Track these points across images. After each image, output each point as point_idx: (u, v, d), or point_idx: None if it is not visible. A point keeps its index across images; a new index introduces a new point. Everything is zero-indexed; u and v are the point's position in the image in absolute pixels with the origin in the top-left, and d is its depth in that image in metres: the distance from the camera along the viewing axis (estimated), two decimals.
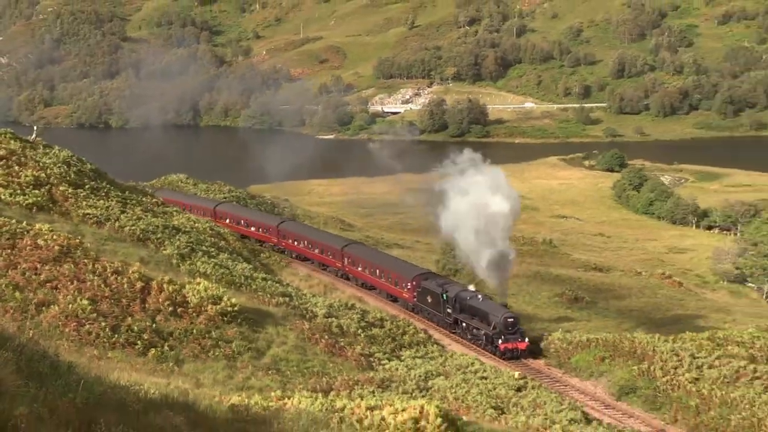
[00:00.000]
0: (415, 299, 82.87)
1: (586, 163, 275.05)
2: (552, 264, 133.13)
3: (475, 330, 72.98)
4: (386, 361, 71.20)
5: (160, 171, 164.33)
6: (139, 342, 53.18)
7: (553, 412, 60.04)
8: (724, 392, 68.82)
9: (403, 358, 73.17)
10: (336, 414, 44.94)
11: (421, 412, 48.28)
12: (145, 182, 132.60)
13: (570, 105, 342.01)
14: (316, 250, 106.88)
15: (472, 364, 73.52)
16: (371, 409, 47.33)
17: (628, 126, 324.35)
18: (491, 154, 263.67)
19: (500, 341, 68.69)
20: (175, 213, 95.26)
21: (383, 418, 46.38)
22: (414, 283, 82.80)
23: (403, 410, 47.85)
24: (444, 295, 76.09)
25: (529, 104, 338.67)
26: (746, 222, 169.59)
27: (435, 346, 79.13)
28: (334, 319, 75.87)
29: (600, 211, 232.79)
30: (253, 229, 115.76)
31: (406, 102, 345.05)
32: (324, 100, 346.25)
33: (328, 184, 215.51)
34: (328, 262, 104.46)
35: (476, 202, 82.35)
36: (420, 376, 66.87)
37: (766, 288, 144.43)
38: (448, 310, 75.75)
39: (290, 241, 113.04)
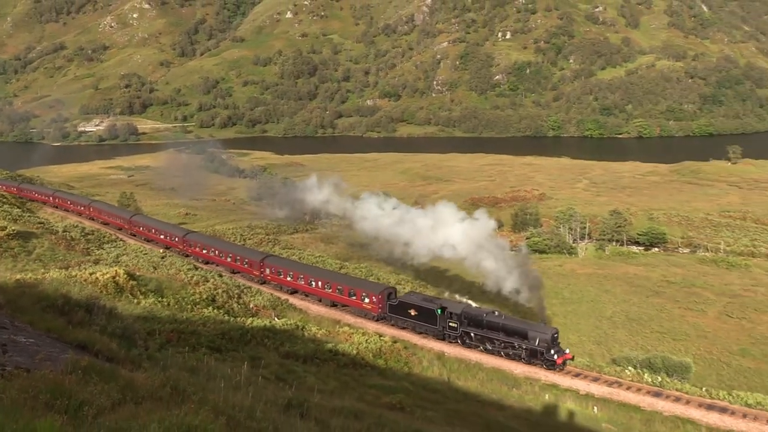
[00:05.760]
0: (380, 310, 51.78)
1: (187, 151, 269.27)
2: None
3: (503, 344, 45.11)
4: (96, 250, 67.91)
5: None
6: None
7: (181, 266, 59.11)
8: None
9: (105, 248, 69.86)
10: (72, 278, 42.49)
11: (116, 273, 46.51)
12: None
13: (177, 124, 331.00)
14: (228, 258, 64.84)
15: (141, 248, 71.03)
16: (90, 273, 45.08)
17: (206, 133, 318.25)
18: (147, 148, 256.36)
19: (555, 355, 42.94)
20: None
21: (97, 278, 44.33)
22: (380, 296, 51.87)
23: (107, 273, 45.91)
24: (440, 311, 48.13)
25: (161, 125, 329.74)
26: (261, 173, 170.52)
27: (121, 242, 76.07)
28: (67, 232, 71.45)
29: None
30: (162, 237, 74.56)
31: (97, 125, 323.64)
32: (53, 125, 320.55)
33: (59, 167, 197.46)
34: (243, 270, 63.14)
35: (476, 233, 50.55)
36: (114, 256, 64.13)
37: None
38: (451, 324, 47.59)
39: (196, 248, 68.88)
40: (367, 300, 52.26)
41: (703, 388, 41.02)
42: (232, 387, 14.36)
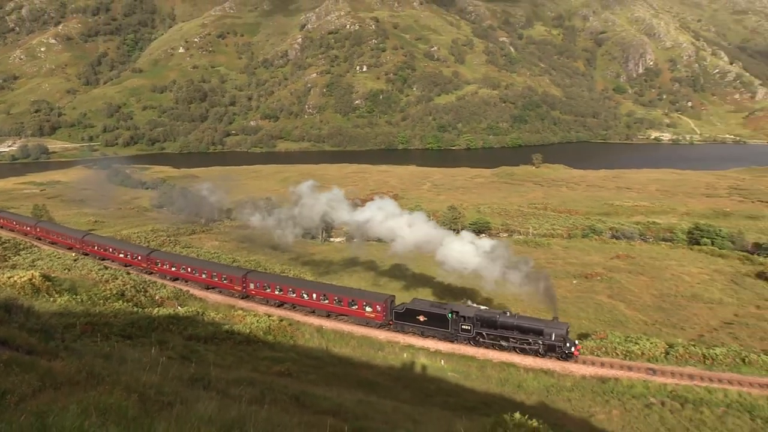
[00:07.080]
0: (384, 318, 44.83)
1: (95, 167, 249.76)
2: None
3: (518, 341, 39.91)
4: (13, 256, 61.97)
5: None
6: None
7: (93, 267, 55.20)
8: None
9: (21, 254, 63.83)
10: None
11: (32, 275, 42.91)
12: None
13: (85, 144, 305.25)
14: (203, 275, 54.52)
15: (54, 253, 65.53)
16: (8, 277, 41.34)
17: (111, 151, 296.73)
18: (57, 165, 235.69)
19: (572, 348, 38.52)
20: None
21: (14, 281, 40.78)
22: (384, 305, 44.90)
23: (24, 276, 42.33)
24: (451, 315, 42.05)
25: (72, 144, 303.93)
26: (161, 184, 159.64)
27: (37, 248, 69.58)
28: None
29: None
30: (122, 255, 61.80)
31: (9, 146, 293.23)
32: None
33: None
34: (221, 286, 53.19)
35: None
36: (30, 261, 58.80)
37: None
38: (464, 327, 41.61)
39: (164, 266, 57.47)
40: (369, 309, 45.90)
41: None
42: (142, 368, 13.73)
